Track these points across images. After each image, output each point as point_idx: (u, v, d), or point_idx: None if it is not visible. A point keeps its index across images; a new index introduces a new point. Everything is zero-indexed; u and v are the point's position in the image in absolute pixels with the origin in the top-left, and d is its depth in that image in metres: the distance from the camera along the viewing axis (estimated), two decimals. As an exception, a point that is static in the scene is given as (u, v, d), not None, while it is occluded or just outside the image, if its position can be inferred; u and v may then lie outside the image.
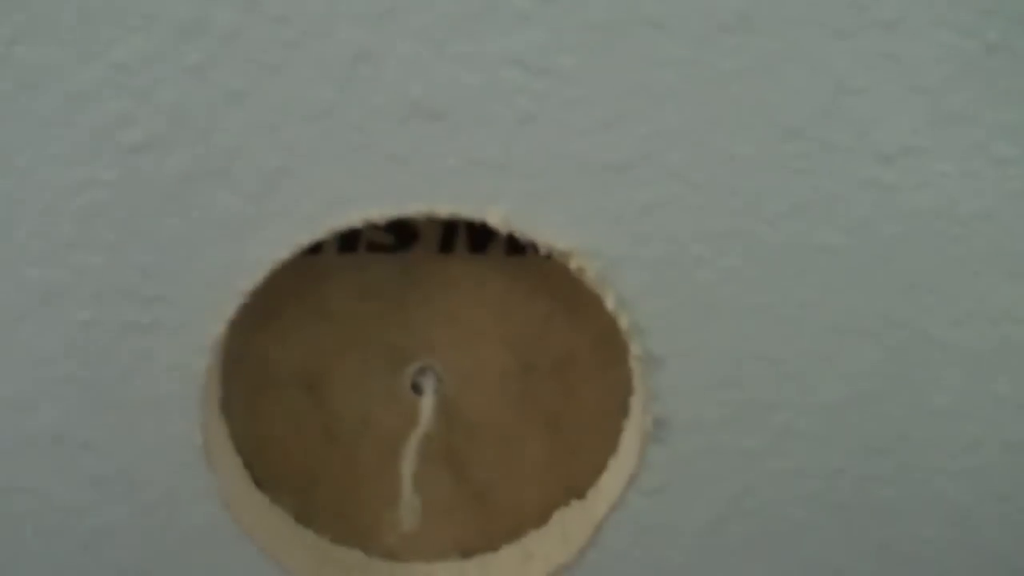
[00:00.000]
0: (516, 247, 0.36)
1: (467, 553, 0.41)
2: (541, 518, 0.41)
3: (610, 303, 0.35)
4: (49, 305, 0.34)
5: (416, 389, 0.39)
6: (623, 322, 0.36)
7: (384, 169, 0.33)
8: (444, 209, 0.33)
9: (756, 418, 0.37)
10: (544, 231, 0.33)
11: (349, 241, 0.37)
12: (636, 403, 0.39)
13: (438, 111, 0.32)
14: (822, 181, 0.33)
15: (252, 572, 0.38)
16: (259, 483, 0.39)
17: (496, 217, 0.33)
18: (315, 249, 0.36)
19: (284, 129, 0.32)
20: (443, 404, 0.39)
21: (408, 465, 0.38)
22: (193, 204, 0.33)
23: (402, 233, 0.37)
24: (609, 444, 0.40)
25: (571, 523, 0.40)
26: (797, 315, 0.36)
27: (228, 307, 0.34)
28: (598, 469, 0.40)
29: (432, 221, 0.34)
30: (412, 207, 0.34)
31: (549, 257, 0.34)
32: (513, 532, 0.41)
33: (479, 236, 0.37)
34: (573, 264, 0.34)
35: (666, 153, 0.33)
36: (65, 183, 0.33)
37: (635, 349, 0.36)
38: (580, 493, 0.41)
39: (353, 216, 0.34)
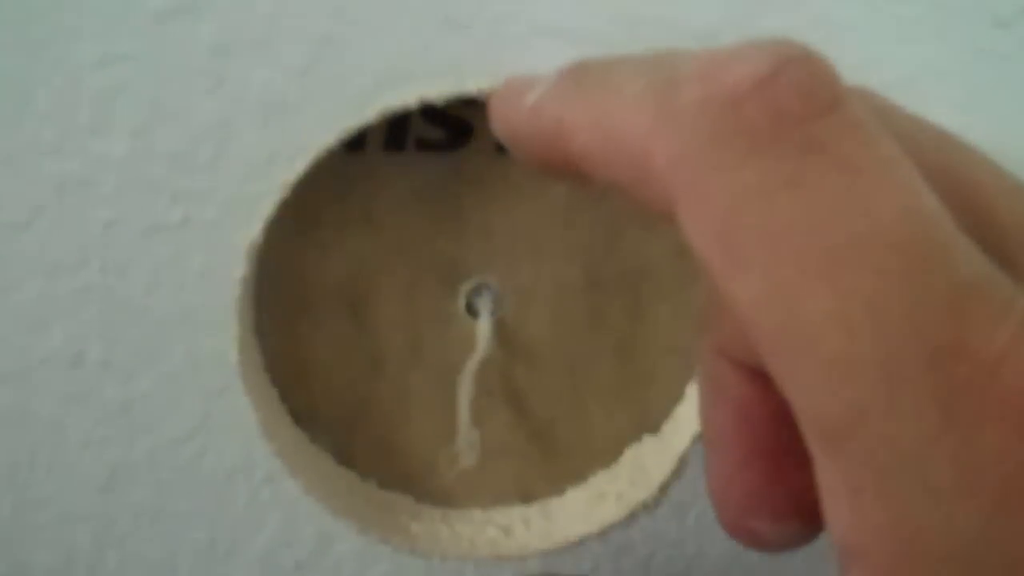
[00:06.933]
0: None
1: (528, 497, 0.36)
2: (610, 456, 0.37)
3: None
4: (64, 203, 0.30)
5: (471, 310, 0.35)
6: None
7: (441, 37, 0.30)
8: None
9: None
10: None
11: (396, 137, 0.33)
12: (716, 321, 0.35)
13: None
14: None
15: (292, 516, 0.34)
16: (295, 419, 0.35)
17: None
18: (358, 145, 0.33)
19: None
20: (501, 327, 0.35)
21: (465, 394, 0.34)
22: (228, 81, 0.29)
23: (455, 129, 0.33)
24: (685, 371, 0.36)
25: (647, 459, 0.36)
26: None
27: (267, 203, 0.30)
28: (672, 400, 0.36)
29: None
30: (473, 84, 0.30)
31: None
32: (579, 473, 0.37)
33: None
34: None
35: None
36: (83, 59, 0.29)
37: None
38: (653, 427, 0.36)
39: (407, 95, 0.30)
